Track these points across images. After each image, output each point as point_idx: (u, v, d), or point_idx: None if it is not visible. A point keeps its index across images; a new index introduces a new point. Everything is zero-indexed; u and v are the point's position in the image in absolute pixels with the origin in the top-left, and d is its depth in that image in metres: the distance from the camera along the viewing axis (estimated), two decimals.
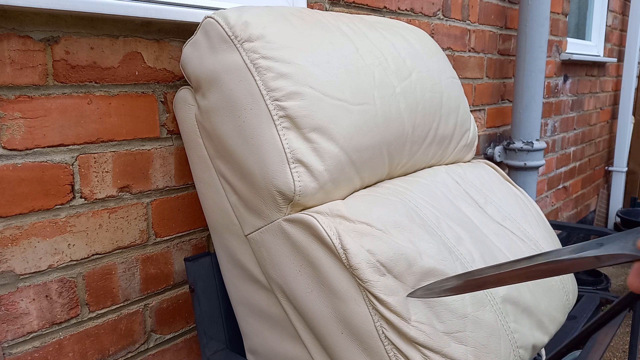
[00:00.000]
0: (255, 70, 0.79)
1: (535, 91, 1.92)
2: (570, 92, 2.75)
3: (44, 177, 0.79)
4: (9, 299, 0.78)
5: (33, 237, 0.79)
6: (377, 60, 0.93)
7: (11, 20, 0.74)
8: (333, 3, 1.26)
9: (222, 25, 0.81)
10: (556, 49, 2.50)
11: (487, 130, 2.01)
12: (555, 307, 0.97)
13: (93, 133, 0.85)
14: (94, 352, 0.89)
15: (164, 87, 0.94)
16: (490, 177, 1.13)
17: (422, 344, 0.72)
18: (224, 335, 0.97)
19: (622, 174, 3.47)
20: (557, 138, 2.67)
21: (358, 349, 0.74)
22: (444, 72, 1.10)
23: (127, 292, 0.93)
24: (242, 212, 0.84)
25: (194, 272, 0.93)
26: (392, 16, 1.44)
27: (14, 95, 0.75)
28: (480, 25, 1.85)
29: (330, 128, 0.80)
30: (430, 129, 1.02)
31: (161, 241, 0.97)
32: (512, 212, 1.06)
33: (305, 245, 0.76)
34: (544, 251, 0.95)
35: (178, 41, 0.94)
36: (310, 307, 0.77)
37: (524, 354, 0.86)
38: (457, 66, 1.76)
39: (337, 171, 0.82)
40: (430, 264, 0.78)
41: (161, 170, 0.95)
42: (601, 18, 3.09)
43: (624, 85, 3.35)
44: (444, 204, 0.95)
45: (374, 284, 0.72)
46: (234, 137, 0.80)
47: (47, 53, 0.78)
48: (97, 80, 0.84)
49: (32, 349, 0.81)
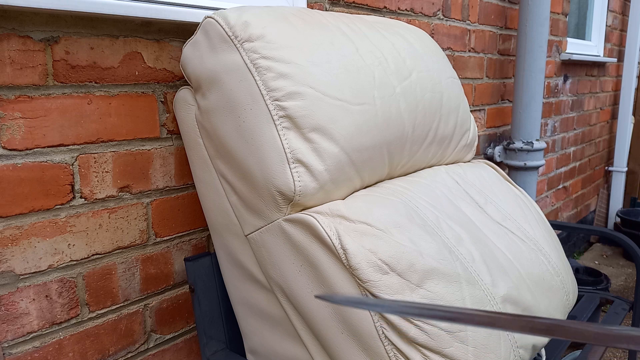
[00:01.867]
0: (255, 70, 0.79)
1: (535, 91, 1.92)
2: (570, 92, 2.75)
3: (44, 177, 0.79)
4: (9, 299, 0.78)
5: (33, 237, 0.79)
6: (377, 60, 0.93)
7: (11, 20, 0.74)
8: (333, 3, 1.26)
9: (222, 25, 0.81)
10: (556, 49, 2.50)
11: (487, 130, 2.01)
12: (555, 307, 0.97)
13: (93, 133, 0.85)
14: (94, 352, 0.89)
15: (164, 87, 0.94)
16: (490, 177, 1.13)
17: (422, 344, 0.72)
18: (224, 335, 0.97)
19: (622, 174, 3.47)
20: (557, 138, 2.67)
21: (358, 349, 0.74)
22: (444, 72, 1.10)
23: (127, 292, 0.93)
24: (242, 212, 0.84)
25: (194, 272, 0.93)
26: (392, 16, 1.44)
27: (14, 95, 0.75)
28: (480, 25, 1.85)
29: (330, 128, 0.80)
30: (430, 129, 1.02)
31: (161, 241, 0.97)
32: (512, 212, 1.06)
33: (305, 245, 0.76)
34: (543, 252, 0.95)
35: (178, 41, 0.94)
36: (310, 307, 0.77)
37: (524, 354, 0.86)
38: (457, 66, 1.76)
39: (337, 171, 0.82)
40: (431, 264, 0.78)
41: (161, 170, 0.95)
42: (601, 18, 3.09)
43: (624, 85, 3.35)
44: (444, 204, 0.95)
45: (374, 283, 0.72)
46: (234, 137, 0.80)
47: (47, 53, 0.78)
48: (97, 80, 0.84)
49: (32, 349, 0.81)
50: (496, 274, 0.88)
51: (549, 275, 0.99)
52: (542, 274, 0.97)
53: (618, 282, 2.77)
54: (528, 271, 0.94)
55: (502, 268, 0.90)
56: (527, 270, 0.94)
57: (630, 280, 2.81)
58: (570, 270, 1.07)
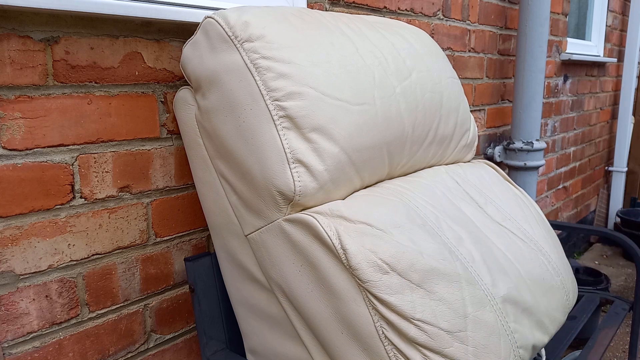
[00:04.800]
0: (255, 70, 0.79)
1: (535, 91, 1.92)
2: (570, 92, 2.75)
3: (44, 177, 0.79)
4: (9, 299, 0.78)
5: (33, 237, 0.79)
6: (377, 60, 0.93)
7: (11, 20, 0.74)
8: (333, 3, 1.26)
9: (222, 25, 0.81)
10: (556, 49, 2.50)
11: (487, 130, 2.01)
12: (555, 307, 0.97)
13: (93, 133, 0.85)
14: (94, 352, 0.89)
15: (164, 87, 0.94)
16: (490, 177, 1.13)
17: (422, 344, 0.72)
18: (224, 335, 0.97)
19: (622, 174, 3.47)
20: (557, 138, 2.67)
21: (358, 349, 0.74)
22: (444, 72, 1.10)
23: (127, 292, 0.93)
24: (242, 212, 0.84)
25: (194, 272, 0.93)
26: (392, 16, 1.44)
27: (14, 95, 0.75)
28: (480, 25, 1.85)
29: (330, 128, 0.80)
30: (430, 129, 1.02)
31: (161, 241, 0.97)
32: (512, 212, 1.06)
33: (305, 245, 0.76)
34: (543, 252, 0.95)
35: (178, 41, 0.94)
36: (310, 307, 0.77)
37: (524, 354, 0.86)
38: (457, 66, 1.76)
39: (337, 171, 0.82)
40: (432, 264, 0.78)
41: (161, 170, 0.95)
42: (601, 18, 3.09)
43: (624, 85, 3.35)
44: (444, 204, 0.95)
45: (374, 283, 0.72)
46: (234, 137, 0.80)
47: (47, 53, 0.78)
48: (97, 80, 0.84)
49: (32, 349, 0.81)
50: (496, 274, 0.88)
51: (549, 275, 0.99)
52: (542, 274, 0.97)
53: (618, 282, 2.77)
54: (528, 271, 0.94)
55: (502, 268, 0.90)
56: (527, 270, 0.94)
57: (630, 280, 2.81)
58: (570, 270, 1.07)
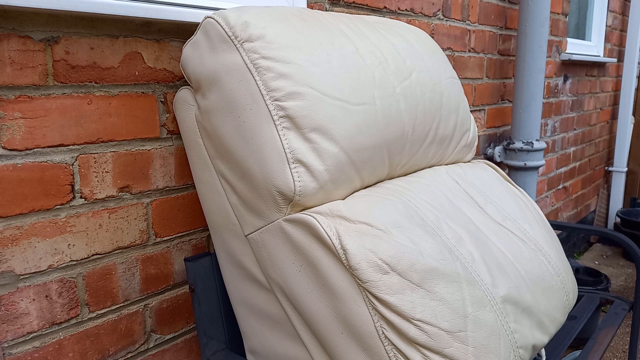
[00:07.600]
0: (255, 70, 0.79)
1: (535, 91, 1.92)
2: (570, 92, 2.75)
3: (44, 177, 0.79)
4: (9, 299, 0.78)
5: (33, 237, 0.79)
6: (377, 60, 0.93)
7: (11, 20, 0.74)
8: (333, 3, 1.26)
9: (222, 25, 0.81)
10: (556, 49, 2.50)
11: (487, 130, 2.01)
12: (555, 307, 0.97)
13: (93, 133, 0.85)
14: (94, 352, 0.89)
15: (164, 87, 0.94)
16: (490, 177, 1.13)
17: (422, 344, 0.72)
18: (224, 335, 0.97)
19: (622, 174, 3.47)
20: (557, 138, 2.67)
21: (358, 349, 0.74)
22: (444, 72, 1.10)
23: (127, 292, 0.93)
24: (242, 212, 0.84)
25: (194, 272, 0.93)
26: (392, 16, 1.44)
27: (14, 95, 0.75)
28: (480, 25, 1.85)
29: (330, 128, 0.80)
30: (430, 129, 1.02)
31: (161, 241, 0.97)
32: (512, 212, 1.06)
33: (305, 245, 0.76)
34: (543, 252, 0.95)
35: (178, 41, 0.94)
36: (310, 307, 0.77)
37: (524, 354, 0.86)
38: (457, 66, 1.76)
39: (337, 171, 0.82)
40: (432, 264, 0.78)
41: (161, 171, 0.95)
42: (601, 18, 3.09)
43: (624, 85, 3.35)
44: (444, 204, 0.95)
45: (374, 284, 0.72)
46: (234, 137, 0.80)
47: (47, 53, 0.78)
48: (97, 80, 0.84)
49: (32, 349, 0.81)
50: (496, 274, 0.88)
51: (549, 275, 0.99)
52: (542, 274, 0.97)
53: (618, 282, 2.77)
54: (528, 271, 0.94)
55: (502, 268, 0.90)
56: (527, 270, 0.94)
57: (630, 280, 2.81)
58: (570, 270, 1.07)
